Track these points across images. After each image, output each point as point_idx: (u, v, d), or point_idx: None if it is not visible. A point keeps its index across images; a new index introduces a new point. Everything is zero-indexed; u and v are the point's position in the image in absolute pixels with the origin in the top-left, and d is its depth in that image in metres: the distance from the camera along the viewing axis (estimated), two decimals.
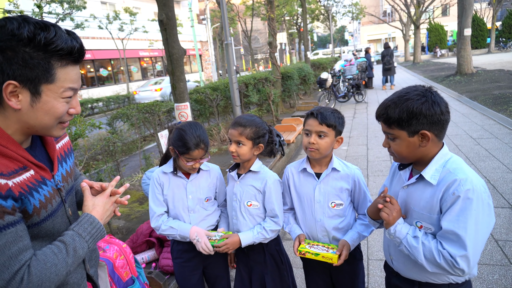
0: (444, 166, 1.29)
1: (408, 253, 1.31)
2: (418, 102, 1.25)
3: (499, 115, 7.30)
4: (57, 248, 1.01)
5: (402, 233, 1.30)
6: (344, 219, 1.75)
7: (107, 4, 24.50)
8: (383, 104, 1.36)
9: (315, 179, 1.75)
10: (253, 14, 20.93)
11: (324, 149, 1.66)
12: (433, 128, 1.27)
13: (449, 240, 1.22)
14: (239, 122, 1.78)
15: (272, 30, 9.96)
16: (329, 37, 43.96)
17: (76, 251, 1.04)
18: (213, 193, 2.00)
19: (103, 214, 1.17)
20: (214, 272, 2.05)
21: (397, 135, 1.31)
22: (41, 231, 1.05)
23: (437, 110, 1.25)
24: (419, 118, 1.25)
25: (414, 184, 1.36)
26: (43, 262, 0.96)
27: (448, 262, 1.21)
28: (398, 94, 1.32)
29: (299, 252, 1.68)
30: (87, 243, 1.08)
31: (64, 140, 1.27)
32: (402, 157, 1.35)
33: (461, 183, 1.20)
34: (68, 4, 11.51)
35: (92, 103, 17.28)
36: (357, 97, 11.65)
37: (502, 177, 4.30)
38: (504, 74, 13.36)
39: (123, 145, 6.32)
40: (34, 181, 1.02)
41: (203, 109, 7.40)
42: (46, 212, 1.05)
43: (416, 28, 26.54)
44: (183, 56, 4.12)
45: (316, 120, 1.65)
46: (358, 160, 5.76)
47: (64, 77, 0.99)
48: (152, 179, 1.93)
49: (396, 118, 1.28)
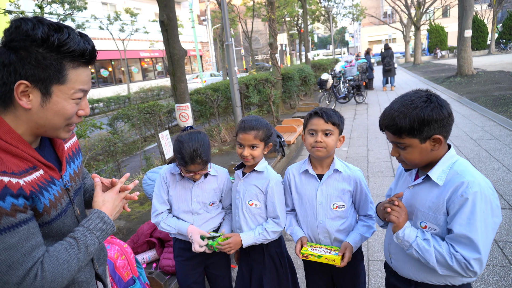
0: (451, 168, 1.29)
1: (418, 256, 1.29)
2: (428, 109, 1.23)
3: (500, 116, 7.30)
4: (69, 244, 1.02)
5: (411, 237, 1.30)
6: (346, 221, 1.75)
7: (108, 5, 24.54)
8: (388, 114, 1.31)
9: (317, 181, 1.75)
10: (253, 15, 20.97)
11: (331, 147, 1.68)
12: (443, 131, 1.27)
13: (461, 243, 1.22)
14: (250, 126, 1.76)
15: (273, 31, 9.98)
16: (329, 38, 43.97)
17: (87, 247, 1.05)
18: (218, 197, 1.99)
19: (113, 210, 1.19)
20: (216, 271, 2.06)
21: (409, 144, 1.29)
22: (51, 230, 1.06)
23: (446, 114, 1.25)
24: (431, 124, 1.24)
25: (420, 185, 1.36)
26: (56, 258, 0.97)
27: (461, 264, 1.21)
28: (402, 103, 1.29)
29: (302, 254, 1.68)
30: (97, 239, 1.09)
31: (72, 140, 1.28)
32: (414, 164, 1.34)
33: (469, 185, 1.21)
34: (69, 5, 11.53)
35: (93, 103, 17.29)
36: (358, 98, 11.66)
37: (502, 178, 4.31)
38: (504, 75, 13.36)
39: (124, 146, 6.33)
40: (43, 180, 1.03)
41: (203, 109, 7.41)
42: (56, 212, 1.06)
43: (416, 30, 26.56)
44: (184, 56, 4.13)
45: (322, 119, 1.67)
46: (358, 161, 5.77)
47: (75, 78, 1.00)
48: (159, 177, 1.93)
49: (408, 128, 1.25)
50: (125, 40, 21.09)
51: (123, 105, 18.16)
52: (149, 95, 20.36)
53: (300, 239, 1.77)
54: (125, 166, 5.22)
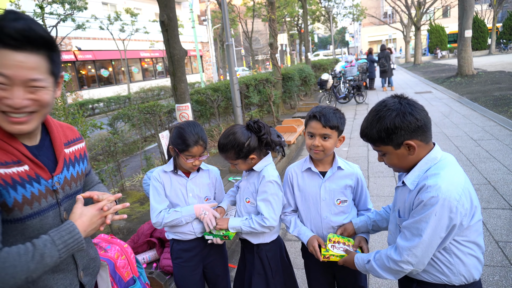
0: (426, 171, 1.30)
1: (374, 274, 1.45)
2: (390, 117, 1.28)
3: (500, 117, 7.30)
4: (24, 250, 0.95)
5: (364, 261, 1.48)
6: (348, 215, 1.81)
7: (108, 5, 24.55)
8: (362, 126, 1.42)
9: (320, 178, 1.78)
10: (254, 15, 20.97)
11: (329, 149, 1.70)
12: (415, 135, 1.29)
13: (402, 235, 1.31)
14: (220, 147, 1.80)
15: (273, 31, 9.98)
16: (329, 38, 43.98)
17: (43, 258, 0.97)
18: (212, 193, 2.03)
19: (89, 226, 1.11)
20: (214, 271, 2.06)
21: (385, 151, 1.36)
22: (26, 228, 1.03)
23: (411, 119, 1.27)
24: (397, 132, 1.28)
25: (401, 187, 1.42)
26: (3, 260, 0.91)
27: (393, 260, 1.32)
28: (371, 113, 1.37)
29: (323, 256, 1.64)
30: (58, 252, 1.01)
31: (79, 144, 1.27)
32: (397, 168, 1.41)
33: (428, 189, 1.22)
34: (70, 5, 11.54)
35: (93, 103, 17.31)
36: (358, 98, 11.65)
37: (502, 178, 4.30)
38: (504, 75, 13.35)
39: (124, 146, 6.34)
40: (25, 176, 1.02)
41: (204, 110, 7.41)
42: (30, 209, 1.03)
43: (416, 30, 26.54)
44: (184, 57, 4.13)
45: (320, 123, 1.66)
46: (358, 161, 5.77)
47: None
48: (152, 178, 1.94)
49: (376, 137, 1.34)
50: (125, 40, 21.09)
51: (124, 105, 18.18)
52: (150, 95, 20.37)
53: (315, 240, 1.73)
54: (125, 166, 5.22)
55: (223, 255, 2.10)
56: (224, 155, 1.80)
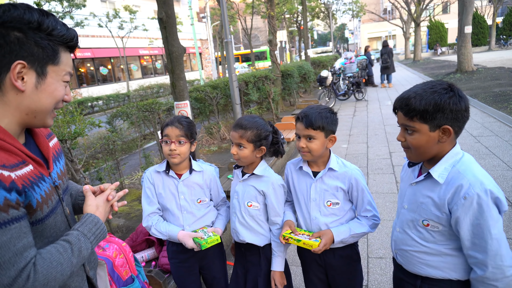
0: (454, 166, 1.27)
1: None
2: (446, 95, 1.21)
3: (500, 113, 7.28)
4: (62, 247, 1.00)
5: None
6: (340, 218, 1.73)
7: (107, 2, 24.45)
8: (405, 95, 1.29)
9: (311, 178, 1.74)
10: (253, 12, 20.87)
11: (315, 151, 1.64)
12: (455, 124, 1.24)
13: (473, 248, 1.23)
14: (240, 124, 1.74)
15: (272, 28, 9.94)
16: (329, 35, 43.87)
17: (81, 251, 1.03)
18: (206, 194, 1.97)
19: (104, 215, 1.20)
20: (211, 273, 2.04)
21: (418, 129, 1.26)
22: (45, 229, 1.04)
23: (463, 106, 1.23)
24: (445, 112, 1.21)
25: (422, 182, 1.35)
26: (49, 260, 0.94)
27: (491, 278, 1.20)
28: (423, 87, 1.27)
29: (283, 237, 1.68)
30: (91, 243, 1.08)
31: (54, 140, 1.26)
32: (418, 152, 1.31)
33: (471, 186, 1.19)
34: (68, 2, 11.49)
35: (92, 101, 17.25)
36: (357, 95, 11.64)
37: (502, 174, 4.30)
38: (504, 71, 13.33)
39: (123, 144, 6.32)
40: (34, 175, 1.01)
41: (203, 107, 7.39)
42: (48, 208, 1.03)
43: (416, 26, 26.46)
44: (183, 54, 4.11)
45: (302, 124, 1.63)
46: (358, 158, 5.76)
47: (66, 61, 1.05)
48: (145, 178, 1.92)
49: (421, 110, 1.23)
50: (124, 37, 21.02)
51: (123, 103, 18.14)
52: (149, 92, 20.33)
53: (286, 222, 1.77)
54: (124, 164, 5.21)
55: (220, 257, 2.07)
56: (240, 132, 1.72)
